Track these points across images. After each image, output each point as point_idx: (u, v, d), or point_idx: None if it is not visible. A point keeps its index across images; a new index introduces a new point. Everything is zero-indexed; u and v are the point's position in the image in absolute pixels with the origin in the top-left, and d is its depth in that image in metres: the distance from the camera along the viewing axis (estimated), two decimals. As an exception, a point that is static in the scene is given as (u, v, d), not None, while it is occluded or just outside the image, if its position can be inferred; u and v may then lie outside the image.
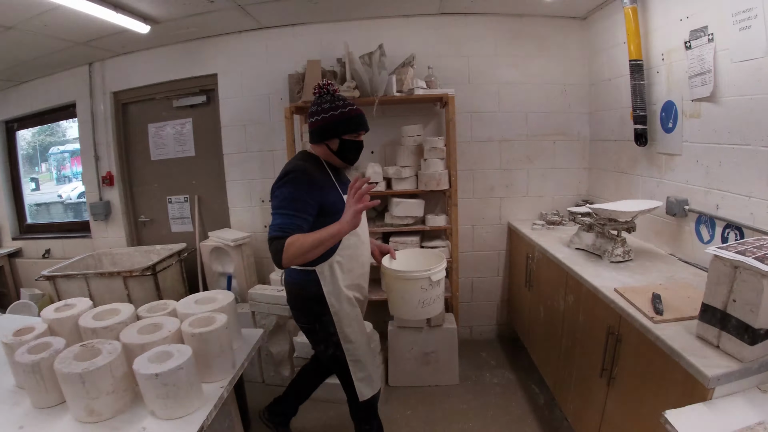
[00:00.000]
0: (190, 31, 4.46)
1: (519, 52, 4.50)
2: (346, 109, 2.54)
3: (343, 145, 2.58)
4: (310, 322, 2.72)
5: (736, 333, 1.90)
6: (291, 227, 2.26)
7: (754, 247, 2.01)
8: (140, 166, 5.19)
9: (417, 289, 2.64)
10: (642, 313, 2.38)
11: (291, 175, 2.39)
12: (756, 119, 2.54)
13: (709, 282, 2.04)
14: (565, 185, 4.76)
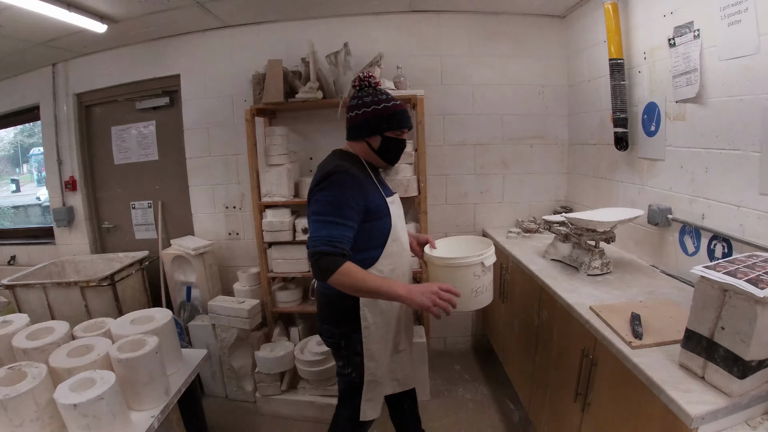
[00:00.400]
0: (151, 30, 4.15)
1: (494, 51, 4.17)
2: (390, 104, 2.28)
3: (385, 143, 2.31)
4: (335, 336, 2.43)
5: (724, 365, 1.65)
6: (341, 240, 2.04)
7: (745, 266, 1.74)
8: (104, 171, 4.84)
9: (469, 277, 2.29)
10: (619, 336, 2.11)
11: (334, 176, 2.13)
12: (746, 122, 2.27)
13: (695, 306, 1.77)
14: (543, 191, 4.43)
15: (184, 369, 2.41)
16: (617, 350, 2.02)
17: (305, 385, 3.72)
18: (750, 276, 1.64)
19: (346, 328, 2.36)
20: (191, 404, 2.98)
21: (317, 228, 2.06)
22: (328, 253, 1.99)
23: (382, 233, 2.30)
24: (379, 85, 2.37)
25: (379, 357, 2.41)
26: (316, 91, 3.61)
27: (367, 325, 2.33)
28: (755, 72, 2.18)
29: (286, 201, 3.84)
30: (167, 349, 2.31)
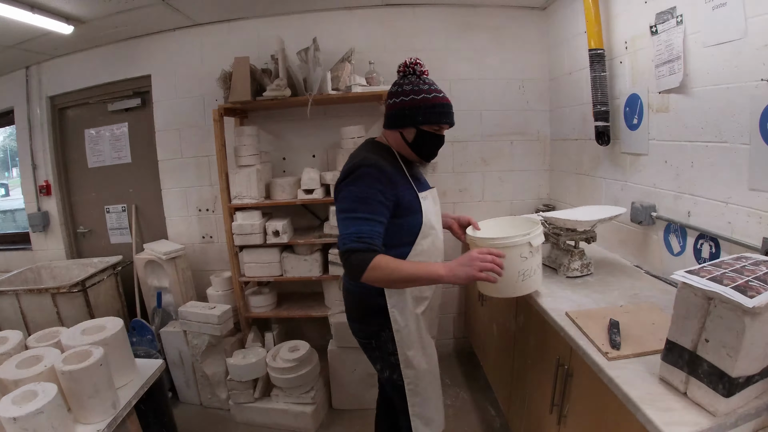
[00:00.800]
0: (120, 30, 3.89)
1: (472, 45, 3.90)
2: (430, 95, 2.05)
3: (420, 137, 2.09)
4: (367, 337, 2.24)
5: (708, 381, 1.43)
6: (372, 235, 1.85)
7: (733, 271, 1.50)
8: (78, 175, 4.57)
9: (516, 259, 2.03)
10: (595, 346, 1.87)
11: (361, 170, 1.95)
12: (733, 112, 2.03)
13: (676, 315, 1.54)
14: (525, 189, 4.16)
15: (138, 380, 2.22)
16: (592, 361, 1.79)
17: (278, 392, 3.48)
18: (738, 282, 1.41)
19: (375, 326, 2.17)
20: (159, 414, 2.84)
21: (345, 225, 1.88)
22: (357, 250, 1.81)
23: (412, 230, 2.10)
24: (425, 74, 2.13)
25: (417, 365, 2.18)
26: (283, 89, 3.35)
27: (398, 329, 2.12)
28: (742, 58, 1.95)
29: (256, 203, 3.60)
30: (118, 359, 2.13)
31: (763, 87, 1.86)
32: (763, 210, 1.91)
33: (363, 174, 1.94)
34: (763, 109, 1.86)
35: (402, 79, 2.11)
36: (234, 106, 3.52)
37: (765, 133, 1.86)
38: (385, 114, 2.16)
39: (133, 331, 3.84)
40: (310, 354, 3.46)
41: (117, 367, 2.11)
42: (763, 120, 1.87)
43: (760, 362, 1.43)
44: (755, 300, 1.31)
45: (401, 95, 2.06)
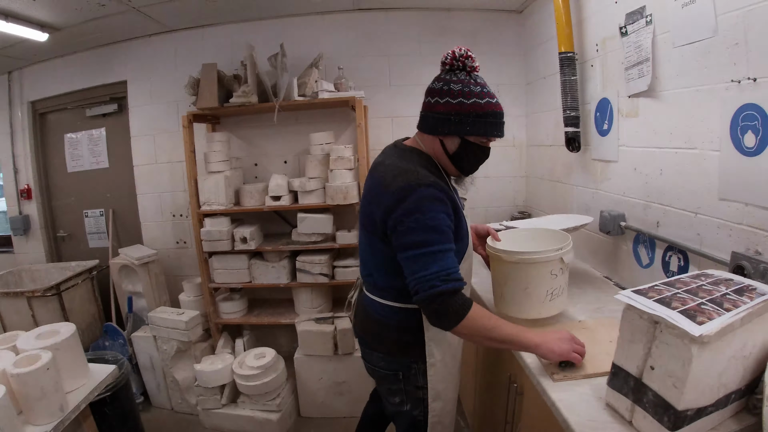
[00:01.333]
0: (96, 37, 3.73)
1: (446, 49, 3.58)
2: (482, 101, 1.62)
3: (463, 149, 1.68)
4: (394, 369, 1.85)
5: (653, 411, 1.24)
6: (457, 271, 1.50)
7: (686, 291, 1.30)
8: (58, 179, 4.40)
9: (545, 276, 1.75)
10: (542, 364, 1.66)
11: (422, 191, 1.52)
12: (702, 115, 1.83)
13: (621, 338, 1.34)
14: (500, 195, 3.93)
15: (89, 384, 2.11)
16: (537, 381, 1.60)
17: (245, 399, 3.28)
18: (688, 305, 1.20)
19: (407, 359, 1.81)
20: (125, 418, 2.76)
21: (423, 263, 1.48)
22: (454, 291, 1.47)
23: (460, 255, 1.72)
24: (476, 70, 1.69)
25: (445, 397, 1.88)
26: (250, 95, 3.15)
27: (433, 362, 1.79)
28: (712, 58, 1.75)
29: (224, 209, 3.40)
30: (69, 364, 2.04)
31: (733, 89, 1.65)
32: (733, 222, 1.71)
33: (425, 196, 1.52)
34: (733, 112, 1.65)
35: (448, 75, 1.67)
36: (203, 112, 3.33)
37: (736, 139, 1.66)
38: (422, 113, 1.72)
39: (105, 335, 3.71)
40: (275, 361, 3.26)
41: (68, 371, 2.01)
42: (733, 125, 1.66)
43: (713, 393, 1.22)
44: (704, 327, 1.11)
45: (447, 95, 1.62)
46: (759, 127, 1.55)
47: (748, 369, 1.29)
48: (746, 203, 1.64)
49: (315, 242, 3.39)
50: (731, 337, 1.18)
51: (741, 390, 1.30)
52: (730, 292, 1.27)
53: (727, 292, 1.28)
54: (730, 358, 1.21)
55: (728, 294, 1.26)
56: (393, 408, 1.95)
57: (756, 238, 1.60)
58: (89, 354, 3.13)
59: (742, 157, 1.63)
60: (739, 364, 1.25)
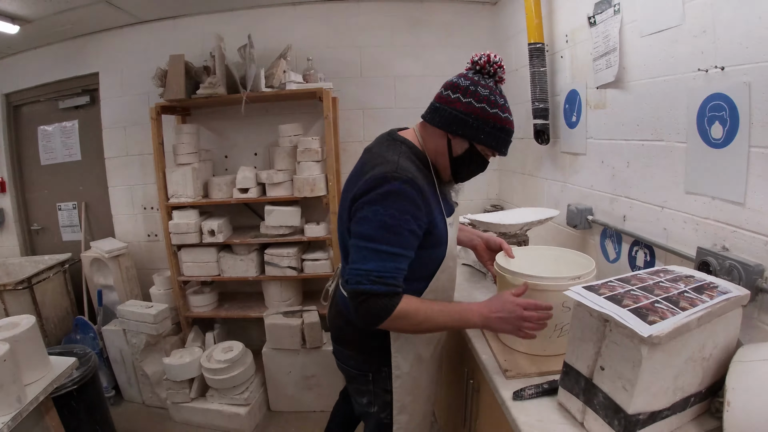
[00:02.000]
0: (67, 29, 3.55)
1: (419, 41, 3.53)
2: (503, 114, 1.50)
3: (469, 155, 1.55)
4: (362, 369, 1.73)
5: (604, 414, 1.14)
6: (395, 275, 1.39)
7: (641, 288, 1.18)
8: (31, 172, 4.20)
9: (557, 308, 1.47)
10: (496, 361, 1.58)
11: (394, 185, 1.38)
12: (669, 106, 1.71)
13: (572, 335, 1.25)
14: (473, 189, 3.77)
15: (49, 376, 2.04)
16: (490, 378, 1.51)
17: (213, 393, 3.14)
18: (641, 303, 1.08)
19: (375, 362, 1.69)
20: (92, 411, 2.67)
21: (363, 257, 1.39)
22: (377, 294, 1.36)
23: (433, 264, 1.60)
24: (502, 83, 1.57)
25: (412, 411, 1.74)
26: (217, 87, 2.99)
27: (399, 375, 1.66)
28: (679, 47, 1.64)
29: (192, 202, 3.24)
30: (29, 356, 1.97)
31: (700, 78, 1.53)
32: (699, 216, 1.58)
33: (396, 192, 1.39)
34: (700, 103, 1.53)
35: (477, 76, 1.52)
36: (171, 104, 3.17)
37: (702, 130, 1.53)
38: (435, 106, 1.56)
39: (76, 329, 3.54)
40: (243, 355, 3.12)
41: (27, 364, 1.96)
42: (700, 115, 1.54)
43: (668, 396, 1.11)
44: (654, 327, 0.99)
45: (472, 96, 1.47)
46: (726, 118, 1.43)
47: (709, 371, 1.17)
48: (713, 197, 1.52)
49: (283, 235, 3.24)
50: (687, 338, 1.06)
51: (702, 393, 1.19)
52: (688, 290, 1.15)
53: (685, 289, 1.15)
54: (686, 360, 1.09)
55: (686, 292, 1.14)
56: (360, 408, 1.83)
57: (723, 234, 1.48)
58: (59, 347, 3.02)
59: (709, 149, 1.51)
60: (698, 367, 1.13)
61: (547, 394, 1.34)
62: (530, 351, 1.55)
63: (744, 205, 1.39)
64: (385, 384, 1.70)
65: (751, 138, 1.35)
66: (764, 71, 1.30)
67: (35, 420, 2.01)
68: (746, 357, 1.12)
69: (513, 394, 1.34)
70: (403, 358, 1.65)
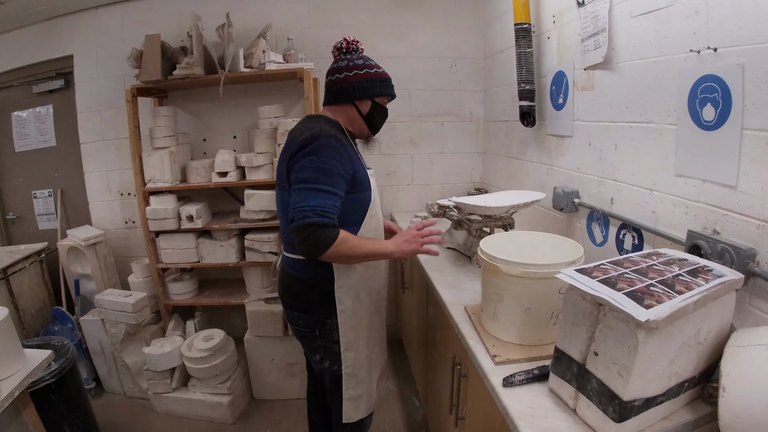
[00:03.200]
0: (41, 10, 3.39)
1: (402, 22, 3.45)
2: (380, 69, 1.97)
3: (374, 109, 1.97)
4: (310, 326, 1.98)
5: (597, 401, 1.10)
6: (333, 211, 1.66)
7: (635, 270, 1.13)
8: (6, 159, 4.04)
9: (553, 295, 1.44)
10: (484, 346, 1.53)
11: (321, 140, 1.72)
12: (659, 87, 1.68)
13: (564, 320, 1.20)
14: (456, 172, 3.73)
15: (24, 371, 1.97)
16: (478, 364, 1.46)
17: (195, 382, 3.07)
18: (636, 287, 1.04)
19: (321, 314, 1.94)
20: (72, 404, 2.60)
21: (306, 196, 1.64)
22: (323, 225, 1.60)
23: (362, 208, 1.89)
24: (363, 52, 2.02)
25: (357, 347, 1.99)
26: (193, 67, 2.87)
27: (343, 309, 1.92)
28: (671, 27, 1.59)
29: (169, 187, 3.13)
30: (2, 350, 1.90)
31: (692, 59, 1.49)
32: (689, 199, 1.55)
33: (323, 144, 1.71)
34: (692, 84, 1.49)
35: (346, 55, 1.96)
36: (147, 86, 3.05)
37: (694, 112, 1.49)
38: (332, 89, 1.95)
39: (54, 320, 3.43)
40: (225, 343, 3.05)
41: (1, 358, 1.90)
42: (691, 97, 1.50)
43: (664, 382, 1.07)
44: (651, 312, 0.94)
45: (354, 69, 1.90)
46: (719, 100, 1.38)
47: (703, 356, 1.14)
48: (704, 180, 1.48)
49: (263, 219, 3.15)
50: (683, 323, 1.02)
51: (695, 378, 1.16)
52: (683, 273, 1.11)
53: (680, 273, 1.11)
54: (682, 345, 1.05)
55: (681, 275, 1.10)
56: (317, 366, 2.11)
57: (714, 217, 1.44)
58: (37, 340, 2.92)
59: (700, 131, 1.47)
60: (693, 351, 1.10)
61: (537, 380, 1.30)
62: (526, 341, 1.50)
63: (736, 188, 1.36)
64: (331, 335, 1.95)
65: (744, 120, 1.31)
66: (758, 53, 1.25)
67: (12, 416, 1.96)
68: (741, 342, 1.08)
69: (503, 381, 1.30)
70: (345, 293, 1.90)
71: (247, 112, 3.41)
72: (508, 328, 1.52)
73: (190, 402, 3.06)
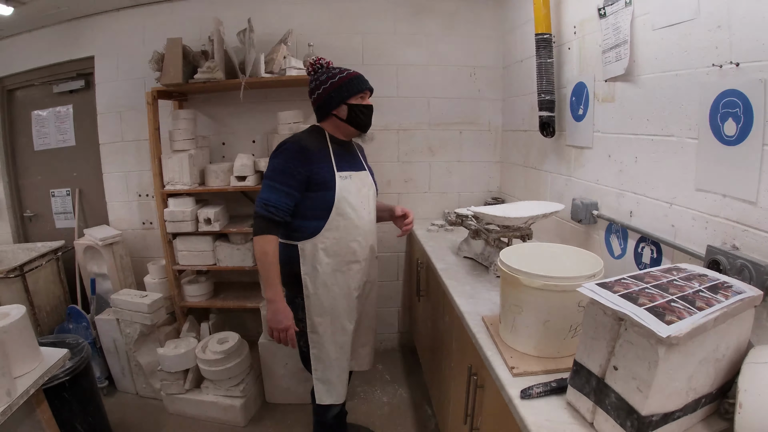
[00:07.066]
0: (62, 11, 3.48)
1: (422, 30, 3.49)
2: (344, 74, 2.18)
3: (352, 111, 2.19)
4: (288, 298, 2.23)
5: (615, 415, 1.11)
6: (276, 206, 2.03)
7: (656, 286, 1.16)
8: (25, 157, 4.14)
9: (572, 308, 1.44)
10: (502, 358, 1.54)
11: (285, 146, 2.13)
12: (681, 101, 1.68)
13: (584, 333, 1.21)
14: (474, 181, 3.76)
15: (40, 369, 1.99)
16: (496, 376, 1.47)
17: (208, 384, 3.12)
18: (657, 302, 1.06)
19: (292, 291, 2.26)
20: (85, 402, 2.64)
21: (263, 190, 2.07)
22: (261, 216, 2.02)
23: (324, 205, 2.14)
24: (330, 65, 2.25)
25: (323, 332, 2.25)
26: (215, 71, 2.95)
27: (308, 294, 2.20)
28: (693, 41, 1.60)
29: (188, 189, 3.20)
30: (20, 348, 1.93)
31: (714, 74, 1.51)
32: (709, 213, 1.56)
33: (285, 149, 2.10)
34: (713, 99, 1.51)
35: (315, 75, 2.22)
36: (168, 88, 3.13)
37: (715, 126, 1.51)
38: (315, 110, 2.26)
39: (69, 318, 3.50)
40: (239, 346, 3.10)
41: (18, 355, 1.91)
42: (713, 112, 1.51)
43: (682, 397, 1.09)
44: (672, 328, 0.96)
45: (322, 85, 2.15)
46: (740, 115, 1.40)
47: (720, 372, 1.16)
48: (724, 194, 1.50)
49: (281, 225, 3.20)
50: (703, 339, 1.04)
51: (712, 394, 1.17)
52: (703, 289, 1.13)
53: (700, 288, 1.14)
54: (701, 361, 1.08)
55: (701, 291, 1.12)
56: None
57: (733, 232, 1.46)
58: (51, 337, 2.99)
59: (721, 145, 1.49)
60: (711, 367, 1.12)
61: (554, 393, 1.32)
62: (543, 354, 1.51)
63: (756, 204, 1.37)
64: (297, 312, 2.19)
65: (765, 136, 1.33)
66: (781, 69, 1.28)
67: (26, 413, 1.98)
68: (759, 358, 1.10)
69: (521, 393, 1.32)
70: (311, 280, 2.18)
71: (267, 116, 3.47)
72: (527, 340, 1.53)
73: (202, 404, 3.11)
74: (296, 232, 2.17)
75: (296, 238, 2.17)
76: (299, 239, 2.16)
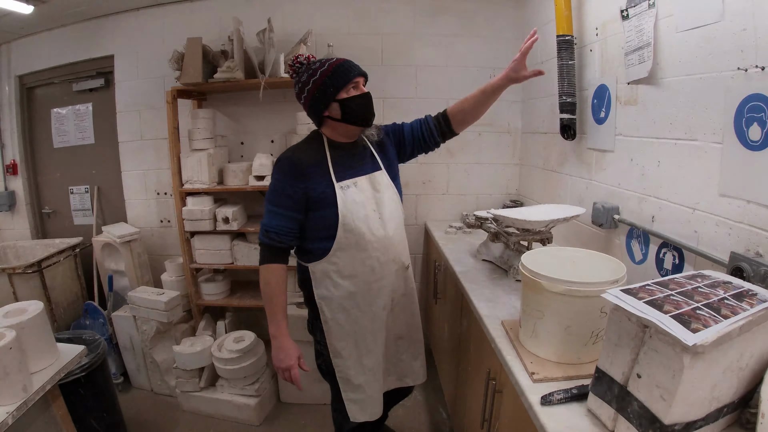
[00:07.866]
0: (83, 10, 3.54)
1: (441, 30, 3.50)
2: (324, 67, 1.92)
3: (345, 107, 1.94)
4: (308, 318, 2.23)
5: (638, 423, 1.10)
6: (278, 231, 1.91)
7: (680, 293, 1.15)
8: (44, 155, 4.22)
9: (595, 314, 1.43)
10: (522, 363, 1.53)
11: (279, 163, 1.95)
12: (705, 105, 1.65)
13: (607, 340, 1.20)
14: (492, 183, 3.76)
15: (57, 365, 2.03)
16: (515, 381, 1.47)
17: (223, 383, 3.17)
18: (682, 309, 1.06)
19: (311, 312, 2.16)
20: (101, 398, 2.69)
21: (264, 215, 1.95)
22: (263, 244, 1.94)
23: (328, 224, 1.93)
24: (311, 58, 2.01)
25: (347, 356, 2.08)
26: (234, 71, 2.98)
27: (325, 320, 2.05)
28: (718, 44, 1.58)
29: (206, 188, 3.24)
30: (36, 343, 1.96)
31: (739, 77, 1.49)
32: (733, 220, 1.54)
33: (278, 167, 1.94)
34: (738, 103, 1.49)
35: (297, 77, 2.01)
36: (187, 88, 3.18)
37: (740, 131, 1.49)
38: (309, 114, 2.05)
39: (86, 314, 3.57)
40: (255, 345, 3.14)
41: (34, 351, 1.95)
42: (738, 116, 1.50)
43: (705, 406, 1.09)
44: (699, 336, 0.96)
45: (305, 87, 1.95)
46: (766, 120, 1.38)
47: (743, 381, 1.15)
48: (748, 200, 1.48)
49: (301, 225, 3.23)
50: (727, 348, 1.04)
51: (734, 403, 1.17)
52: (728, 297, 1.13)
53: (725, 296, 1.14)
54: (725, 370, 1.07)
55: (726, 299, 1.12)
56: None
57: (757, 239, 1.45)
58: (68, 333, 3.04)
59: (746, 150, 1.47)
60: (734, 376, 1.12)
61: (575, 400, 1.32)
62: (564, 359, 1.51)
63: (781, 211, 1.37)
64: (315, 334, 2.16)
65: (790, 141, 1.33)
66: (807, 73, 1.27)
67: (42, 408, 2.01)
68: (783, 368, 1.11)
69: (541, 399, 1.32)
70: (326, 305, 2.03)
71: (286, 116, 3.50)
72: (547, 345, 1.52)
73: (217, 402, 3.15)
74: (306, 255, 2.02)
75: (306, 260, 2.03)
76: (309, 261, 2.01)
